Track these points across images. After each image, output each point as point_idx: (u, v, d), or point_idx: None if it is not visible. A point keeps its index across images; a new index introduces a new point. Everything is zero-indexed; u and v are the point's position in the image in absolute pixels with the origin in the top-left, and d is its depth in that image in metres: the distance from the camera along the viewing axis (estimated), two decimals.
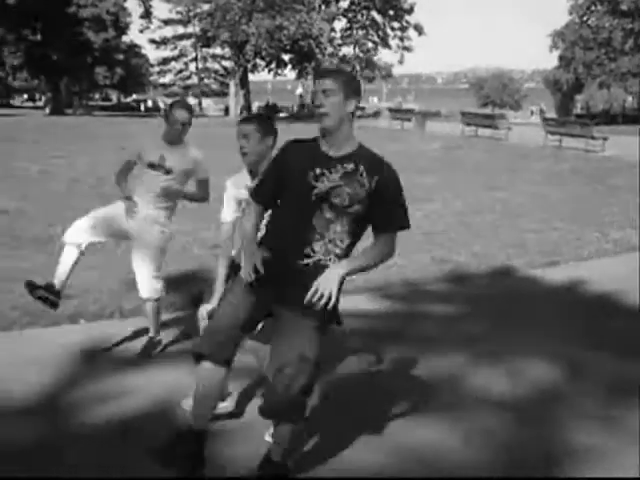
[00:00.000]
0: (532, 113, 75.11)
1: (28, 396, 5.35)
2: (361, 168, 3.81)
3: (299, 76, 62.97)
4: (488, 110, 71.13)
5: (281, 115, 63.03)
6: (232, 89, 62.53)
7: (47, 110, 62.24)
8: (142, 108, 78.33)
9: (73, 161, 20.73)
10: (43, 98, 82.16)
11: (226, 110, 66.15)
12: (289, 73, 64.84)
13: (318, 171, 3.79)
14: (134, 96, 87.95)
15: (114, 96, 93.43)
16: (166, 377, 5.80)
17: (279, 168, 3.94)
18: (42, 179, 17.33)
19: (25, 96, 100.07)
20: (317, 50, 56.26)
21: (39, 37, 63.08)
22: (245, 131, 4.89)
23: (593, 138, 29.80)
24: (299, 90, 78.99)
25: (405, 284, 9.05)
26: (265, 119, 5.10)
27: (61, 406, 5.30)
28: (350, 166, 3.82)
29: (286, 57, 60.72)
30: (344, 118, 3.85)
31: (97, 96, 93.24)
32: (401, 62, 64.74)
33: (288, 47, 56.62)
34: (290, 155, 3.93)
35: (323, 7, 59.07)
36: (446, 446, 4.75)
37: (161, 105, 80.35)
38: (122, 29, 67.53)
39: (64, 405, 5.31)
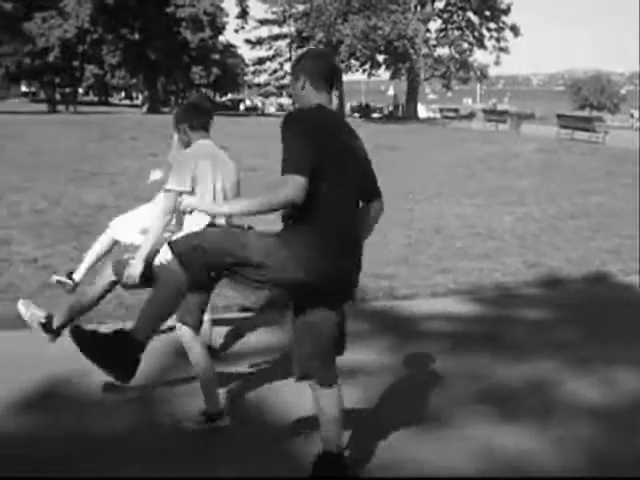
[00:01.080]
0: (632, 116, 73.56)
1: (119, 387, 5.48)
2: None
3: (393, 77, 62.91)
4: (585, 113, 69.98)
5: (374, 116, 63.07)
6: None
7: (144, 108, 63.35)
8: (241, 107, 79.08)
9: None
10: (140, 96, 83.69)
11: None
12: (383, 74, 64.85)
13: None
14: (229, 95, 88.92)
15: (210, 95, 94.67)
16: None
17: None
18: (139, 176, 17.66)
19: (122, 94, 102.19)
20: (412, 51, 56.11)
21: (137, 36, 64.24)
22: None
23: None
24: (391, 91, 78.92)
25: (496, 288, 8.98)
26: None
27: (152, 397, 5.44)
28: None
29: (380, 58, 60.72)
30: (297, 96, 4.07)
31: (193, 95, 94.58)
32: (497, 63, 64.07)
33: (382, 48, 56.60)
34: None
35: (419, 8, 58.89)
36: (534, 451, 4.70)
37: (259, 105, 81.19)
38: (218, 29, 68.28)
39: (154, 396, 5.46)
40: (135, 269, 4.96)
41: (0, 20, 56.77)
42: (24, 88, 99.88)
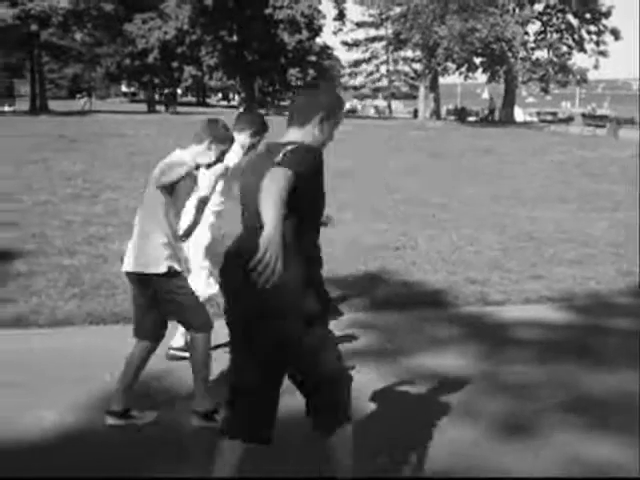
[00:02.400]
0: None
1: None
2: None
3: (490, 80, 62.28)
4: None
5: (470, 119, 62.56)
6: (422, 92, 62.56)
7: (241, 109, 64.08)
8: None
9: None
10: (237, 97, 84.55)
11: (415, 113, 66.19)
12: (480, 76, 64.32)
13: None
14: None
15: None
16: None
17: None
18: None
19: (220, 95, 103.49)
20: (509, 54, 55.51)
21: (235, 38, 65.02)
22: None
23: None
24: (485, 94, 78.23)
25: (589, 296, 8.85)
26: None
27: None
28: None
29: (477, 60, 60.18)
30: None
31: (289, 96, 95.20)
32: (596, 67, 62.94)
33: (480, 50, 56.11)
34: None
35: (517, 10, 58.21)
36: (623, 460, 4.65)
37: (358, 107, 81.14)
38: (315, 31, 68.68)
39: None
40: None
41: (100, 21, 58.13)
42: (124, 88, 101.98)
